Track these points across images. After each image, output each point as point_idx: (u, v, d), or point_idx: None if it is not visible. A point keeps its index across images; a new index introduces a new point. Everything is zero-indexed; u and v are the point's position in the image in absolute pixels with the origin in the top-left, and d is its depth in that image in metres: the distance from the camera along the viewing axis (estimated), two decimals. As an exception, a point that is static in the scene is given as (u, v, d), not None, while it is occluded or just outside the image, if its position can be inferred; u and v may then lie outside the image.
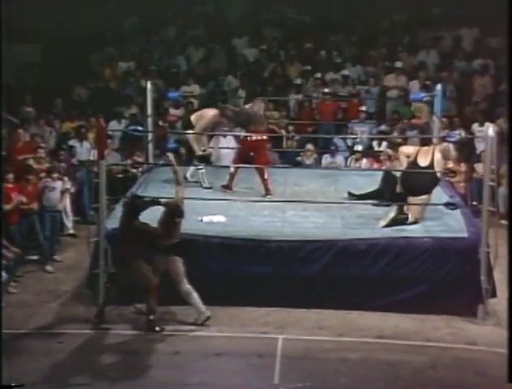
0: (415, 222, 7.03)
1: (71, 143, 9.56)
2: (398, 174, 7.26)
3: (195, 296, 6.39)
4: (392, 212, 7.00)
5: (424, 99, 9.17)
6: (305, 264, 6.70)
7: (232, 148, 9.74)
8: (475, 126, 9.96)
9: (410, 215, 7.01)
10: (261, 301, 6.67)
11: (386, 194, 7.37)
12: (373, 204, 7.34)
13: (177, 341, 6.17)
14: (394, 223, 6.96)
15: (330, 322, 6.53)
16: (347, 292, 6.68)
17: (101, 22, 12.15)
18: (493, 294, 6.72)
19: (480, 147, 9.48)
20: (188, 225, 6.93)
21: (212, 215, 7.17)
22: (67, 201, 8.61)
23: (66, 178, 8.44)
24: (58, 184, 8.20)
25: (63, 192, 8.30)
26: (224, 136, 9.73)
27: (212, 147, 9.17)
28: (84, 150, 9.55)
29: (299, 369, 5.73)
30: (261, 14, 13.06)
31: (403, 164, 7.19)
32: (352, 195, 7.76)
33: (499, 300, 6.74)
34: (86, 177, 9.23)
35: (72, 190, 8.59)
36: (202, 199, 7.34)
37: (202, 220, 7.12)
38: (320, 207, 7.39)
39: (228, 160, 9.65)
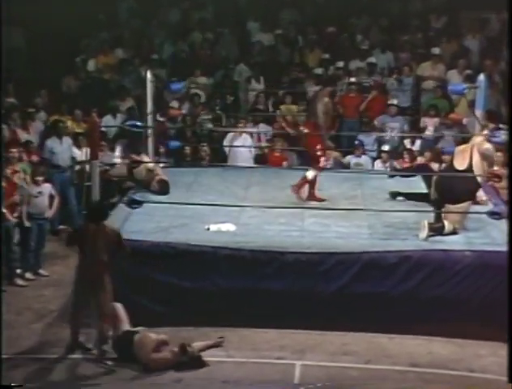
0: (454, 232, 7.01)
1: (50, 140, 9.50)
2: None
3: None
4: (425, 220, 6.99)
5: (465, 91, 9.14)
6: (326, 280, 6.71)
7: (249, 147, 9.80)
8: None
9: (447, 224, 7.00)
10: (276, 322, 6.68)
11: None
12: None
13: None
14: (432, 231, 6.94)
15: (356, 347, 6.52)
16: (374, 312, 6.67)
17: (94, 3, 12.22)
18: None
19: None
20: (192, 235, 6.99)
21: (220, 223, 7.20)
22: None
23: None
24: (46, 188, 8.23)
25: (52, 197, 8.32)
26: (240, 134, 9.81)
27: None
28: (65, 148, 9.52)
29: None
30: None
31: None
32: (396, 194, 7.77)
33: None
34: (71, 179, 9.31)
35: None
36: (209, 205, 7.37)
37: (208, 229, 7.15)
38: (344, 214, 7.40)
39: (244, 159, 9.75)
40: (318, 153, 7.88)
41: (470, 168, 7.02)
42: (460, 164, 7.06)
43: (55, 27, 11.88)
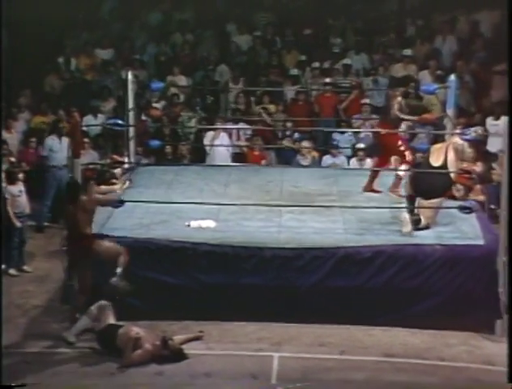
0: (426, 227, 7.07)
1: (49, 139, 9.49)
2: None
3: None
4: (405, 214, 7.02)
5: (437, 91, 9.23)
6: (303, 274, 6.74)
7: (228, 146, 9.83)
8: (490, 120, 10.01)
9: (422, 218, 7.05)
10: (254, 316, 6.70)
11: None
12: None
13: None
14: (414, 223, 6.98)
15: (332, 339, 6.56)
16: (350, 305, 6.72)
17: (76, 3, 12.10)
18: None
19: (491, 142, 9.55)
20: (173, 232, 6.98)
21: (200, 219, 7.19)
22: None
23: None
24: (22, 186, 8.19)
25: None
26: (219, 133, 9.83)
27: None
28: (63, 147, 9.41)
29: (296, 391, 5.76)
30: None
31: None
32: None
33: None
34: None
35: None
36: (189, 203, 7.36)
37: (189, 226, 7.14)
38: (320, 210, 7.43)
39: (222, 157, 9.76)
40: (402, 148, 7.90)
41: (444, 165, 7.08)
42: (435, 160, 7.14)
43: (38, 28, 11.76)
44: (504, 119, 9.15)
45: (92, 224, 6.62)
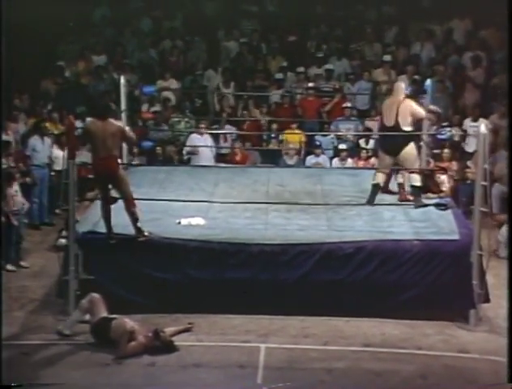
0: (412, 172, 7.36)
1: (32, 139, 9.45)
2: None
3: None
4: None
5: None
6: (288, 269, 6.74)
7: (210, 146, 9.83)
8: (468, 121, 10.07)
9: (379, 178, 7.33)
10: (242, 308, 6.69)
11: None
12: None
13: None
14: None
15: (315, 330, 6.57)
16: (332, 298, 6.72)
17: (69, 10, 12.02)
18: (486, 299, 6.80)
19: (470, 143, 9.61)
20: (164, 229, 6.96)
21: (191, 217, 7.18)
22: None
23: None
24: (17, 186, 8.15)
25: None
26: (201, 134, 9.83)
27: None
28: (46, 147, 9.48)
29: (282, 380, 5.74)
30: (240, 6, 13.05)
31: None
32: None
33: (492, 305, 6.84)
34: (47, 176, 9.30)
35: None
36: (179, 201, 7.34)
37: (179, 223, 7.12)
38: (304, 208, 7.44)
39: (206, 158, 9.77)
40: None
41: (396, 124, 7.30)
42: (388, 120, 7.37)
43: (33, 33, 11.67)
44: (482, 121, 9.23)
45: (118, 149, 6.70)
